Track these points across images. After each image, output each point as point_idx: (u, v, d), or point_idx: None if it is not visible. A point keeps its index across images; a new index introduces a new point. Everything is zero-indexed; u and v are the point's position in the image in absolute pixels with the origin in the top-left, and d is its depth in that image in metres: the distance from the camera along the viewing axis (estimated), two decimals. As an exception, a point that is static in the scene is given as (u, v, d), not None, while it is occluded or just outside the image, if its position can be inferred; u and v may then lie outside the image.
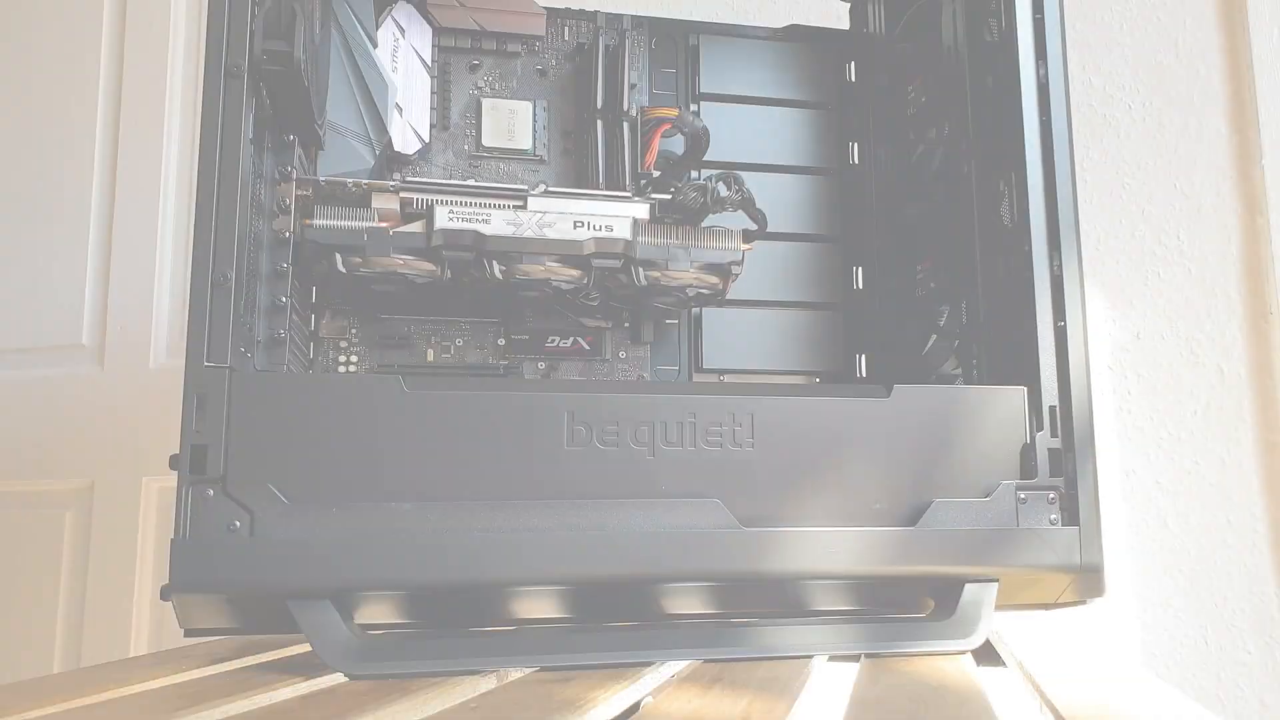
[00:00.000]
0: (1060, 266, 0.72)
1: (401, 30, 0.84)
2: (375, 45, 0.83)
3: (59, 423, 1.42)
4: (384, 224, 0.73)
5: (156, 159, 1.42)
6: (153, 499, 1.37)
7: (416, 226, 0.73)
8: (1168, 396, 1.04)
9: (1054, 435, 0.69)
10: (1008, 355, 0.74)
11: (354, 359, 0.83)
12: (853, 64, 0.97)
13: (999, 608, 0.67)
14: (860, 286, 0.94)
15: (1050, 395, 0.70)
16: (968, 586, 0.66)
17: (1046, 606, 0.72)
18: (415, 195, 0.73)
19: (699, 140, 0.88)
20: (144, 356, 1.41)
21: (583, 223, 0.75)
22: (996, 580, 0.67)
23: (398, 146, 0.83)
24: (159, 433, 1.37)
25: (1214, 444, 1.02)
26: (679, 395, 0.66)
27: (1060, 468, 0.69)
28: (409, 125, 0.84)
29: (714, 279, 0.80)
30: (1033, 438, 0.69)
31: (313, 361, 0.82)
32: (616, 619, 0.68)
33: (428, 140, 0.85)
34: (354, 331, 0.83)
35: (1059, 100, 0.74)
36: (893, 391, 0.69)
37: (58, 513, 1.41)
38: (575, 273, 0.77)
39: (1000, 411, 0.70)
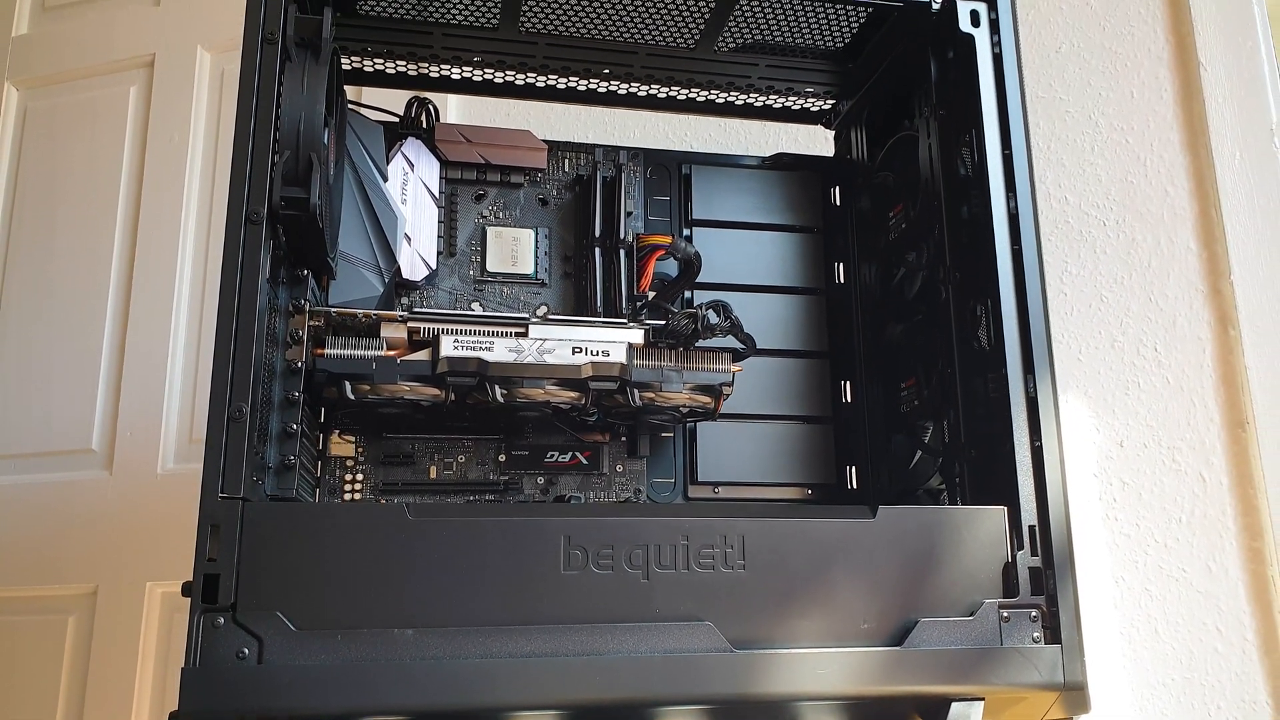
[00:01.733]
0: (1035, 389, 0.75)
1: (411, 164, 0.90)
2: (386, 179, 0.88)
3: (67, 528, 1.44)
4: (392, 352, 0.77)
5: (171, 269, 1.48)
6: (156, 604, 1.38)
7: (423, 354, 0.77)
8: (1152, 504, 1.07)
9: (1034, 554, 0.72)
10: (989, 473, 0.77)
11: (359, 477, 0.86)
12: (837, 189, 1.02)
13: (986, 726, 0.69)
14: (849, 400, 0.97)
15: (1029, 515, 0.73)
16: (954, 705, 0.68)
17: (1033, 724, 0.74)
18: (422, 325, 0.77)
19: (691, 265, 0.92)
20: (152, 462, 1.44)
21: (581, 348, 0.79)
22: (982, 699, 0.68)
23: (406, 274, 0.88)
24: (165, 538, 1.39)
25: (1200, 551, 1.05)
26: (672, 518, 0.69)
27: (1041, 586, 0.71)
28: (417, 253, 0.89)
29: (706, 399, 0.83)
30: (1014, 556, 0.72)
31: (320, 480, 0.85)
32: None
33: (434, 267, 0.89)
34: (360, 450, 0.86)
35: (1028, 230, 0.79)
36: (878, 512, 0.72)
37: (60, 618, 1.42)
38: (573, 394, 0.80)
39: (982, 531, 0.72)
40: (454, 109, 1.28)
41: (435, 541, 0.64)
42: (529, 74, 0.95)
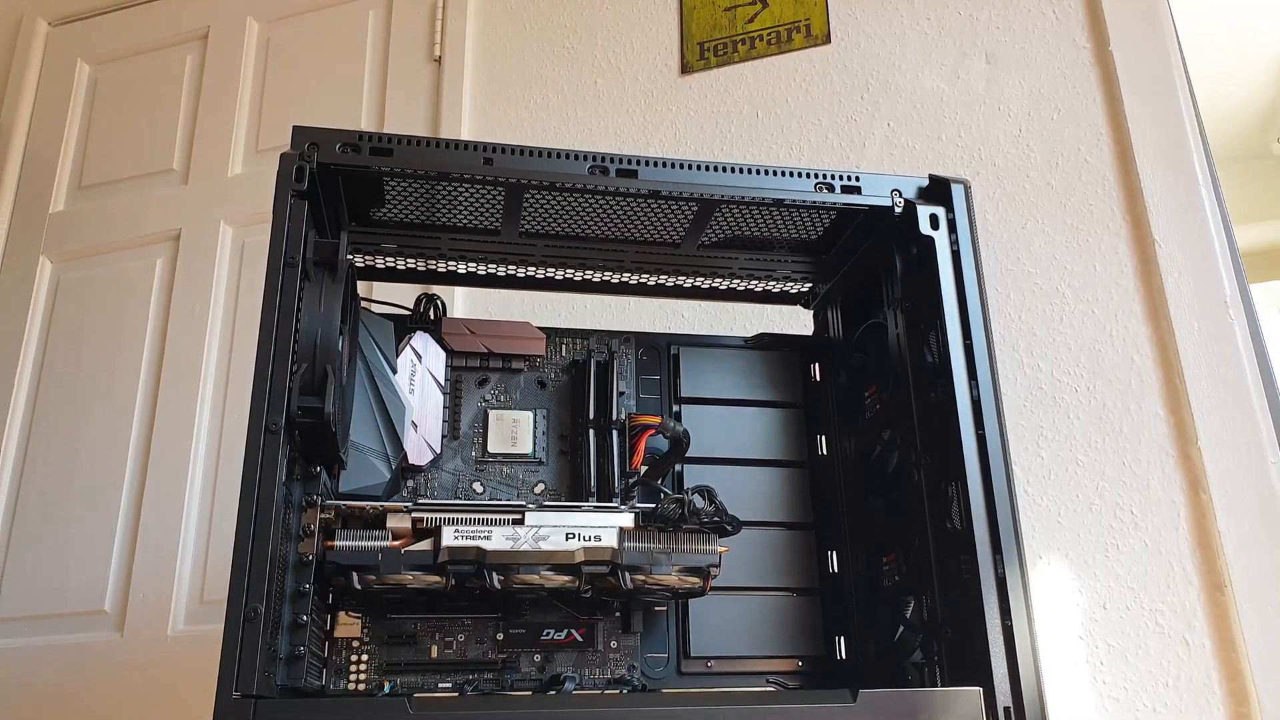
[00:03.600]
0: (1004, 569, 0.79)
1: (419, 356, 0.97)
2: (395, 371, 0.95)
3: (77, 691, 1.46)
4: (397, 542, 0.82)
5: (187, 435, 1.54)
6: (160, 769, 1.39)
7: (425, 544, 0.81)
8: (1139, 667, 1.09)
9: (1011, 736, 0.75)
10: (966, 652, 0.80)
11: (364, 658, 0.89)
12: (816, 365, 1.08)
13: None
14: (835, 570, 1.01)
15: (1004, 696, 0.76)
16: None
17: None
18: (425, 514, 0.82)
19: (680, 442, 0.98)
20: (163, 624, 1.47)
21: (574, 534, 0.84)
22: None
23: (412, 459, 0.93)
24: (174, 700, 1.41)
25: (1189, 716, 1.06)
26: (663, 707, 0.72)
27: (1018, 768, 0.74)
28: (423, 439, 0.94)
29: (695, 579, 0.87)
30: (991, 739, 0.75)
31: (327, 661, 0.89)
32: None
33: (439, 451, 0.95)
34: (365, 630, 0.90)
35: (991, 416, 0.85)
36: (858, 696, 0.75)
37: (64, 785, 1.43)
38: (567, 578, 0.85)
39: (959, 713, 0.75)
40: (459, 297, 1.36)
41: (434, 734, 0.68)
42: (529, 268, 1.03)
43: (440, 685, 0.91)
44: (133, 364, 1.60)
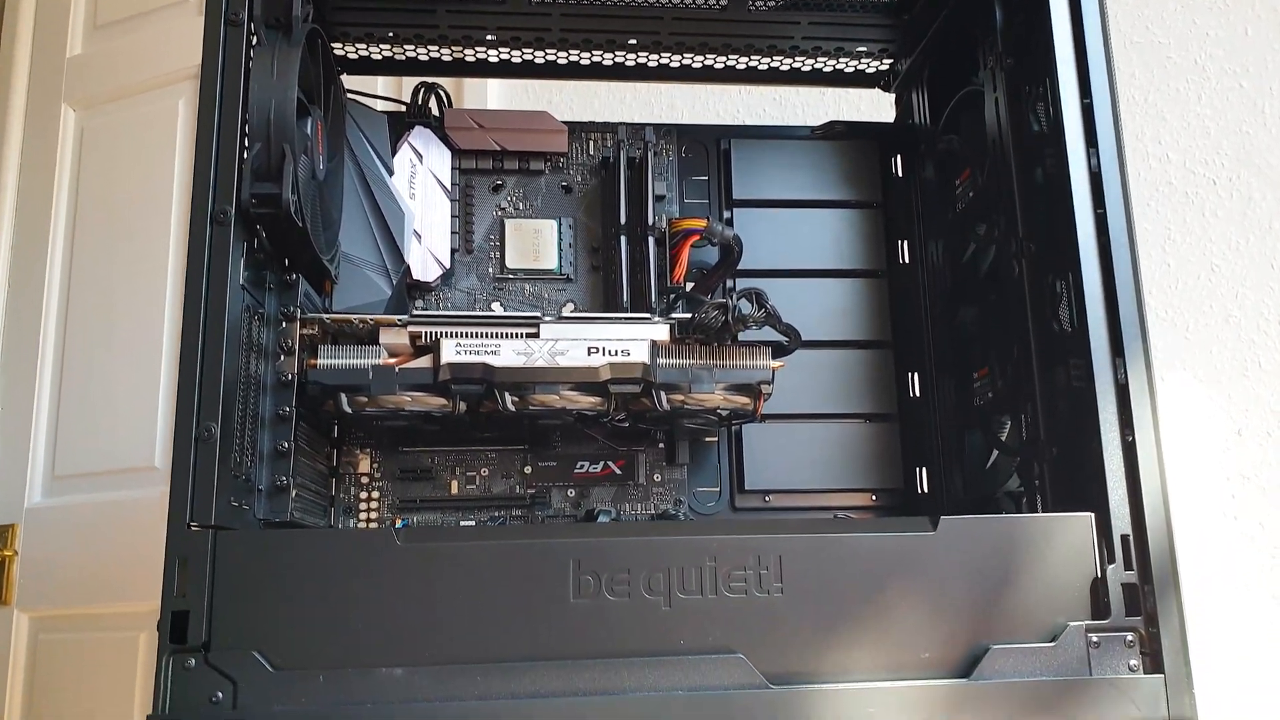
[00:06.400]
0: (1126, 374, 0.64)
1: (419, 155, 0.83)
2: (391, 173, 0.82)
3: (133, 545, 1.43)
4: (392, 360, 0.70)
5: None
6: (218, 621, 1.36)
7: (423, 361, 0.70)
8: (1281, 500, 0.93)
9: (1129, 568, 0.61)
10: (1075, 475, 0.66)
11: (375, 495, 0.80)
12: (898, 158, 0.91)
13: (1076, 774, 0.58)
14: (917, 394, 0.87)
15: (1121, 522, 0.62)
16: (1035, 751, 0.58)
17: (1135, 770, 0.62)
18: (422, 329, 0.71)
19: (731, 250, 0.83)
20: (212, 477, 1.42)
21: (597, 348, 0.71)
22: (1069, 744, 0.58)
23: (417, 275, 0.81)
24: (225, 553, 1.37)
25: (1341, 555, 0.90)
26: (696, 536, 0.60)
27: (1138, 605, 0.61)
28: (429, 252, 0.82)
29: (744, 399, 0.74)
30: (1103, 571, 0.61)
31: (334, 499, 0.79)
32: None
33: (449, 266, 0.83)
34: (376, 465, 0.81)
35: (1114, 191, 0.68)
36: (939, 524, 0.62)
37: (132, 634, 1.41)
38: (594, 400, 0.72)
39: (1064, 543, 0.62)
40: (471, 96, 1.21)
41: (427, 569, 0.58)
42: (548, 49, 0.88)
43: (463, 523, 0.81)
44: (163, 211, 1.51)
